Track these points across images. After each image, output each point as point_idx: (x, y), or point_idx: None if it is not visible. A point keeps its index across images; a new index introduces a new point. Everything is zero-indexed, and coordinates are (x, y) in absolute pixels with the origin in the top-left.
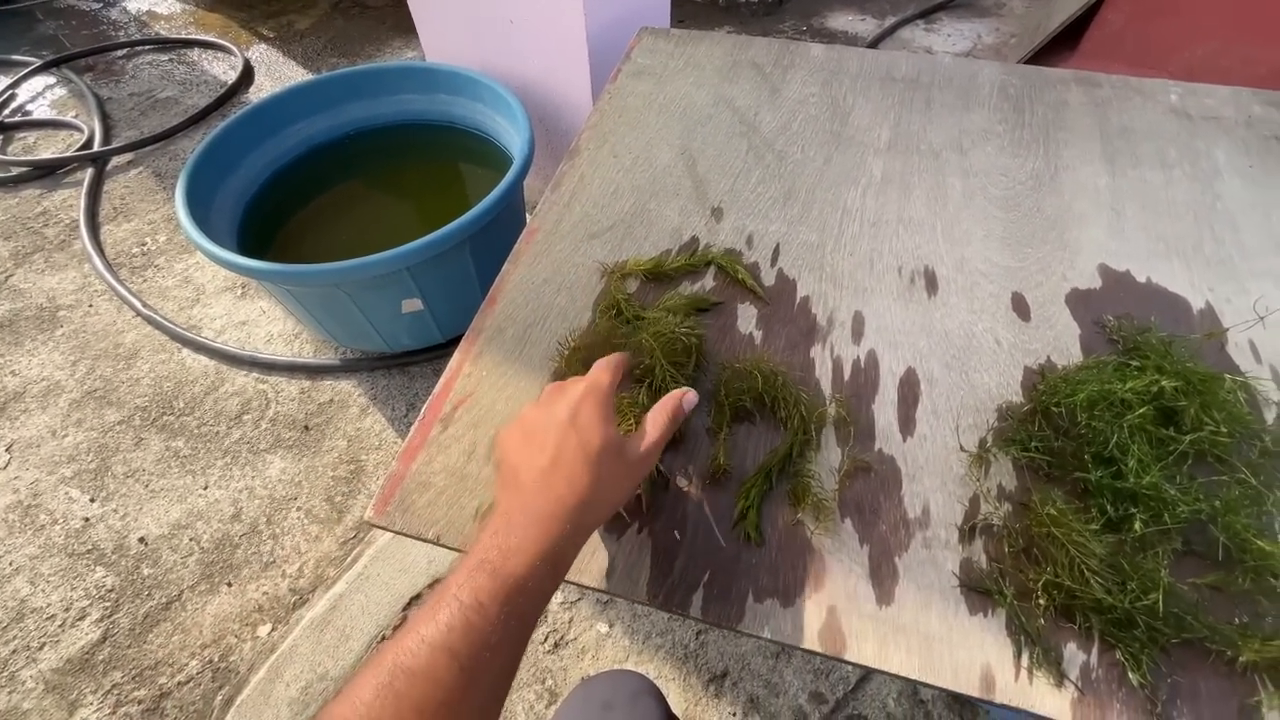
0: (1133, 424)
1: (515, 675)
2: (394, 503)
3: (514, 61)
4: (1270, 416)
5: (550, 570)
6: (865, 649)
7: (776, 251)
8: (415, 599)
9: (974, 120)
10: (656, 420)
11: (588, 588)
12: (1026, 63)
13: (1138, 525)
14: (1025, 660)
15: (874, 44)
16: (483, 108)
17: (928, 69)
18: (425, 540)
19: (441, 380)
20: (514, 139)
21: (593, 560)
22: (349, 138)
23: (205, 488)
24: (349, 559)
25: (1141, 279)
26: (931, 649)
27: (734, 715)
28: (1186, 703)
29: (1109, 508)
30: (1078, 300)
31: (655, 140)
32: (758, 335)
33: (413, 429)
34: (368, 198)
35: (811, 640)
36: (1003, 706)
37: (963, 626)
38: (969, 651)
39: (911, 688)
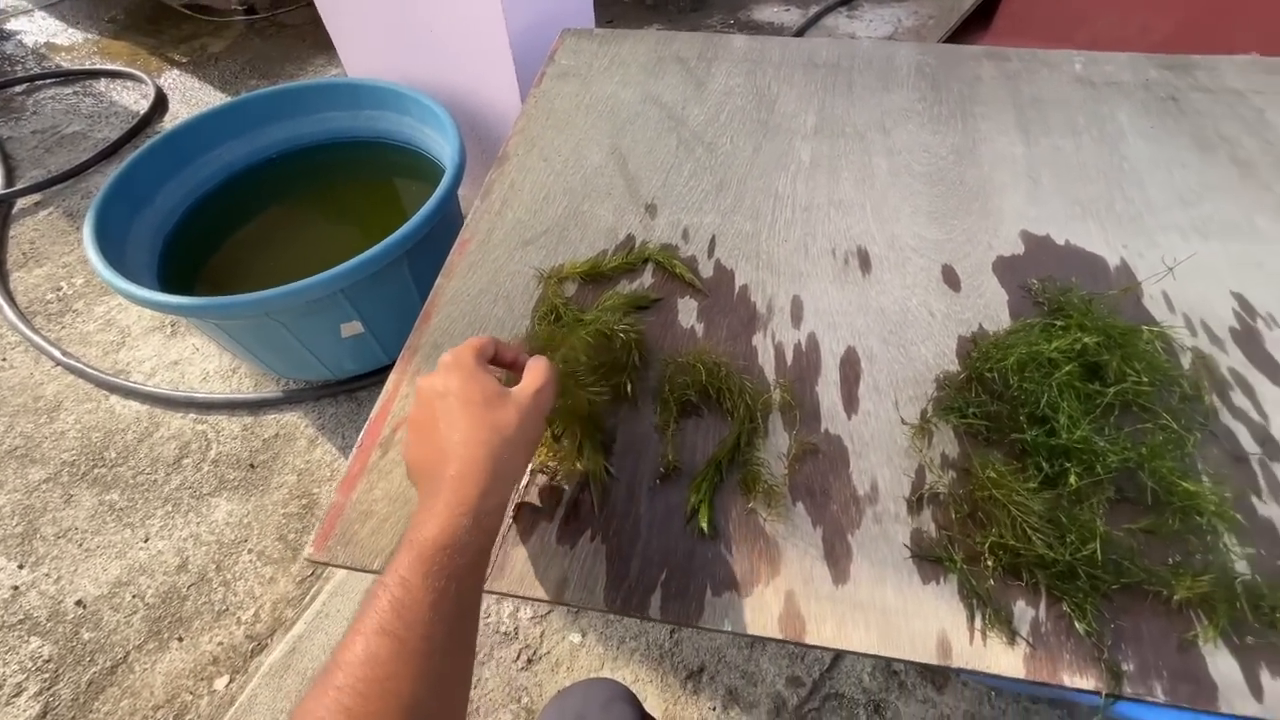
0: (1060, 382)
1: (473, 649)
2: (335, 536)
3: (438, 71)
4: (1186, 362)
5: (472, 523)
6: (825, 630)
7: (713, 243)
8: None
9: (895, 100)
10: (531, 366)
11: (545, 601)
12: (944, 42)
13: (1073, 479)
14: (979, 623)
15: (800, 33)
16: (410, 121)
17: (848, 53)
18: (371, 571)
19: (378, 403)
20: (445, 150)
21: (548, 573)
22: (272, 162)
23: (146, 540)
24: (307, 598)
25: (1060, 241)
26: (889, 622)
27: (714, 709)
28: (1130, 645)
29: (1045, 465)
30: (1003, 267)
31: (584, 141)
32: (699, 328)
33: (351, 457)
34: (298, 222)
35: (772, 628)
36: (967, 670)
37: (917, 597)
38: (924, 621)
39: (885, 660)
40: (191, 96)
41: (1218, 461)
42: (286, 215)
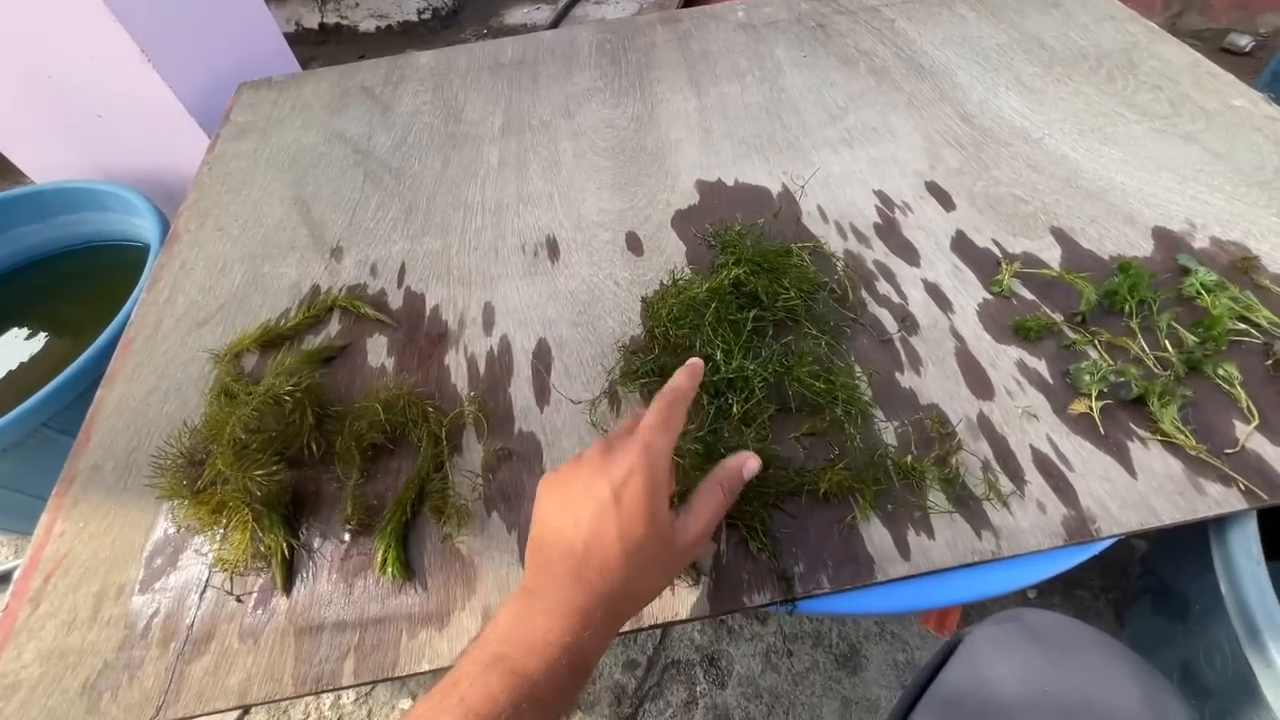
0: (710, 321)
1: None
2: None
3: (129, 156)
4: (840, 266)
5: (570, 674)
6: None
7: (402, 271)
8: None
9: (578, 83)
10: (708, 501)
11: (230, 709)
12: (681, 7)
13: (735, 409)
14: None
15: (552, 28)
16: (115, 216)
17: (532, 46)
18: None
19: (28, 554)
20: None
21: (229, 679)
22: None
23: None
24: None
25: (730, 182)
26: None
27: None
28: (799, 546)
29: (707, 403)
30: (681, 220)
31: (263, 198)
32: (389, 363)
33: None
34: (13, 364)
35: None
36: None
37: None
38: None
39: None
40: None
41: (866, 349)
42: None
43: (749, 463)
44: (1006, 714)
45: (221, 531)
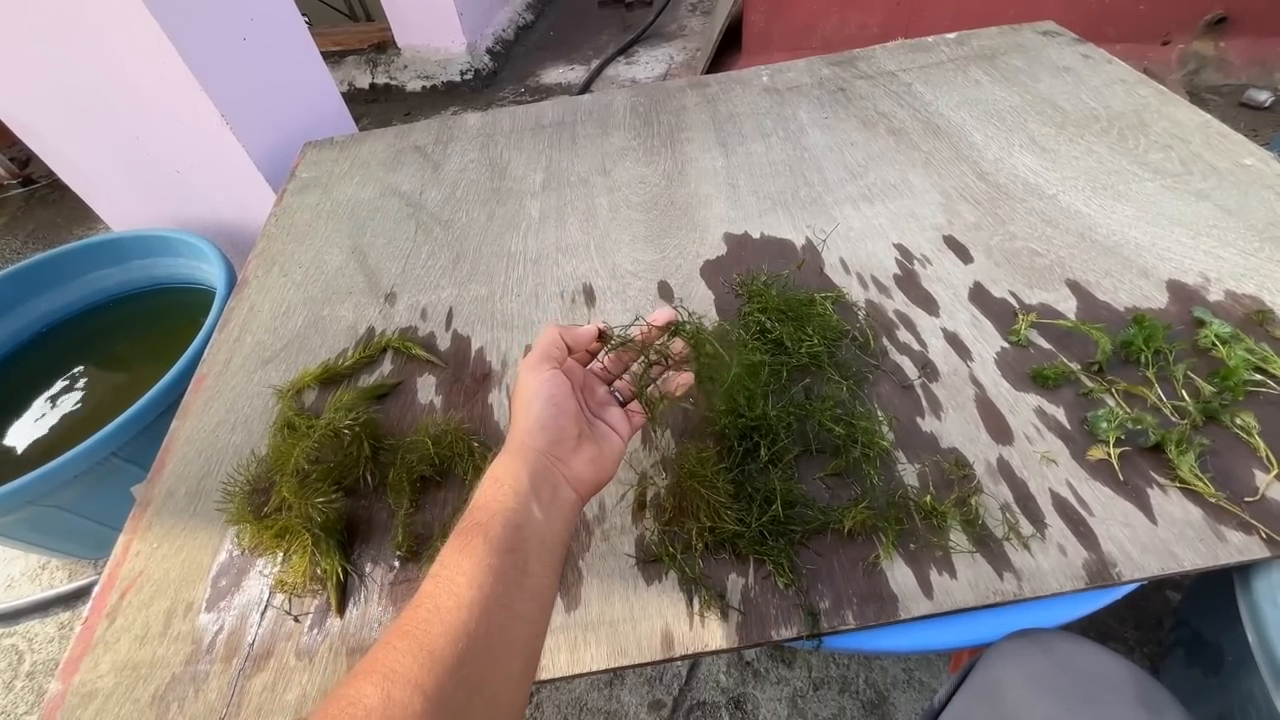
0: (734, 370)
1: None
2: None
3: (202, 207)
4: (861, 315)
5: (536, 543)
6: (559, 661)
7: (450, 315)
8: None
9: (613, 143)
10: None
11: None
12: (707, 71)
13: (763, 452)
14: (696, 606)
15: (584, 88)
16: (185, 261)
17: (570, 109)
18: None
19: (105, 571)
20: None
21: (285, 695)
22: (42, 337)
23: None
24: None
25: (756, 235)
26: (618, 633)
27: None
28: (825, 583)
29: (737, 445)
30: (710, 270)
31: (325, 247)
32: (438, 401)
33: (74, 637)
34: (82, 395)
35: None
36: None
37: (642, 600)
38: (650, 621)
39: (736, 655)
40: None
41: (889, 394)
42: (69, 391)
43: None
44: None
45: (282, 555)
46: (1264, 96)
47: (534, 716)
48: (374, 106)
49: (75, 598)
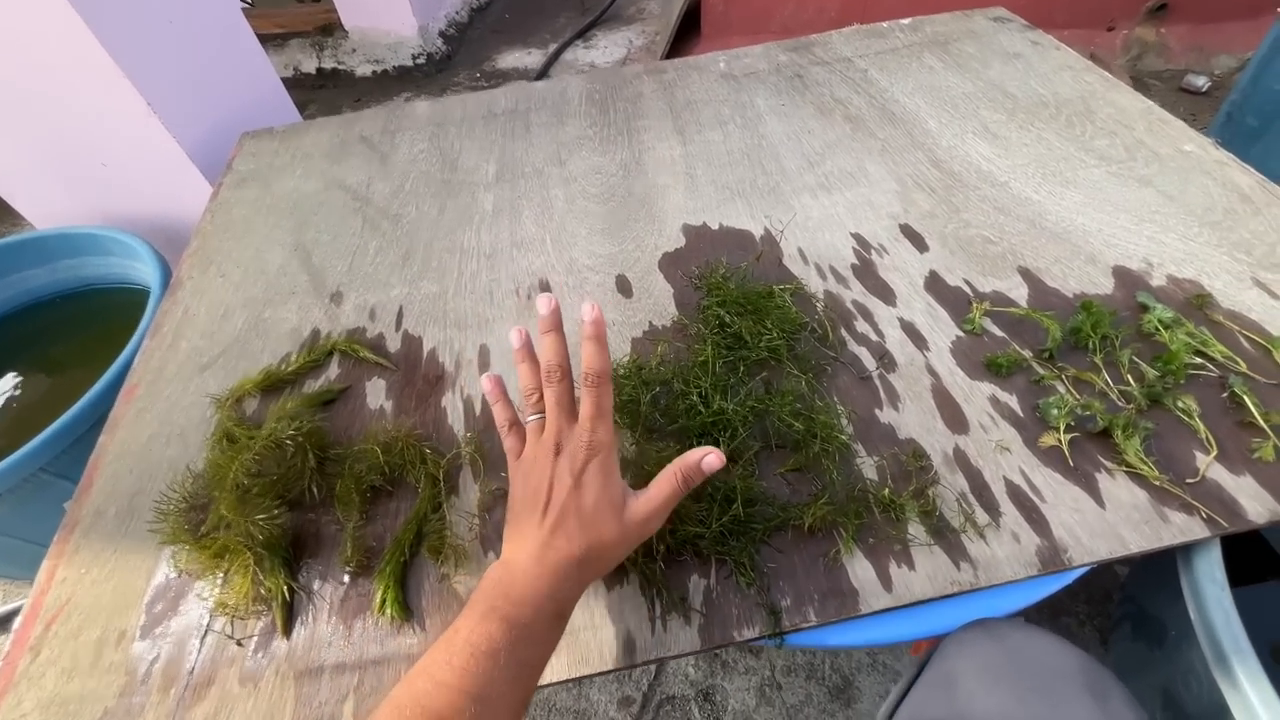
0: (690, 367)
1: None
2: None
3: (130, 203)
4: (820, 307)
5: (554, 620)
6: None
7: (400, 315)
8: None
9: (569, 131)
10: (663, 484)
11: None
12: (666, 56)
13: (722, 447)
14: (658, 610)
15: (541, 73)
16: (117, 260)
17: (524, 97)
18: None
19: (28, 602)
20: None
21: None
22: None
23: None
24: None
25: (715, 226)
26: (579, 642)
27: None
28: (786, 580)
29: (696, 442)
30: (669, 262)
31: (265, 245)
32: (389, 406)
33: None
34: (13, 404)
35: None
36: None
37: (603, 607)
38: (611, 628)
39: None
40: None
41: (847, 386)
42: None
43: (709, 457)
44: None
45: (222, 576)
46: (1201, 82)
47: None
48: (322, 92)
49: (6, 620)
